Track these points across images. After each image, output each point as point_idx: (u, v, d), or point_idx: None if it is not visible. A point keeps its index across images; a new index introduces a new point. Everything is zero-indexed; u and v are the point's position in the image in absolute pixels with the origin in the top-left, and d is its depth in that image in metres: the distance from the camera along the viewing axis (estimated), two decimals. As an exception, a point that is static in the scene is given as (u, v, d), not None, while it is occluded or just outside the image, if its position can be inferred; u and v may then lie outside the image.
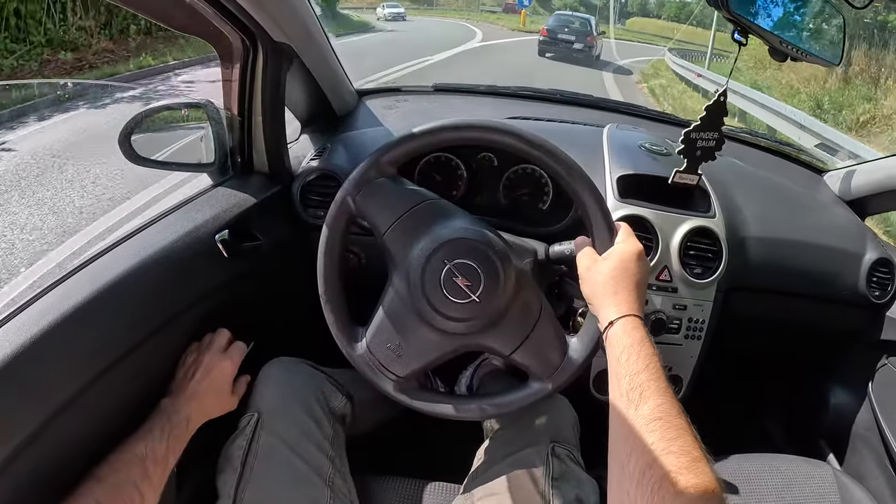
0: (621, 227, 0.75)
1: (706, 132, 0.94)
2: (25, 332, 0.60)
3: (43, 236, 2.76)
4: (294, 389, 0.86)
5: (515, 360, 0.77)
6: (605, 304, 0.68)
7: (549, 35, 13.73)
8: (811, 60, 0.88)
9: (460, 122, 0.76)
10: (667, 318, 1.02)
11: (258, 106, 0.96)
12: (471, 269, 0.72)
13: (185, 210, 0.90)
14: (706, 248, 1.02)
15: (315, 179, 1.04)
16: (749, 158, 1.37)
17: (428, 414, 0.79)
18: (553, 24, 14.35)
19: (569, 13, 17.27)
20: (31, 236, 2.75)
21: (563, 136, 0.87)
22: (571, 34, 13.62)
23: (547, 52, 13.67)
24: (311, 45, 1.00)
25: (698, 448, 0.52)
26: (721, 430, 1.51)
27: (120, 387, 0.71)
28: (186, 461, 0.76)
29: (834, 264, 1.14)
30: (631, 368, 0.60)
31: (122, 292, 0.71)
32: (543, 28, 14.29)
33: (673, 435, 0.53)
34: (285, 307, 1.09)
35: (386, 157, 0.77)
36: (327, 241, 0.77)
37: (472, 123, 0.76)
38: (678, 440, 0.52)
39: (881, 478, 1.15)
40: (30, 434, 0.58)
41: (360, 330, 0.78)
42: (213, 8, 0.82)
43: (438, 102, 1.46)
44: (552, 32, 13.74)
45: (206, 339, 0.87)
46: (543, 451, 0.82)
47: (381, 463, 0.97)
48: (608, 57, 14.97)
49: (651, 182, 1.03)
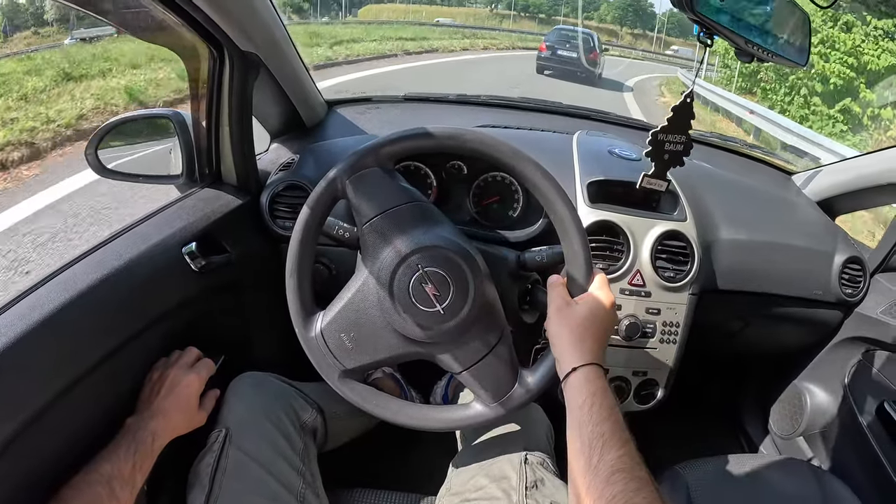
0: (597, 275, 0.75)
1: (673, 135, 0.94)
2: None
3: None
4: (263, 404, 0.85)
5: (464, 379, 0.76)
6: (570, 350, 0.68)
7: (548, 51, 12.72)
8: (777, 61, 0.88)
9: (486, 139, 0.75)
10: (640, 322, 1.02)
11: (226, 116, 0.95)
12: (443, 280, 0.71)
13: (151, 222, 0.88)
14: (678, 252, 1.02)
15: (284, 190, 1.03)
16: (718, 162, 1.39)
17: (365, 411, 0.78)
18: (553, 39, 13.22)
19: (570, 27, 16.31)
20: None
21: (534, 144, 0.87)
22: (573, 50, 12.58)
23: (546, 69, 12.70)
24: (279, 54, 0.99)
25: (659, 500, 0.53)
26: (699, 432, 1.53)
27: (84, 405, 0.69)
28: (156, 479, 0.75)
29: (806, 264, 1.16)
30: (594, 417, 0.61)
31: (87, 306, 0.69)
32: (543, 43, 13.24)
33: (635, 486, 0.54)
34: (255, 321, 1.07)
35: (387, 148, 0.75)
36: (306, 219, 0.75)
37: (497, 145, 0.75)
38: (641, 491, 0.53)
39: (861, 472, 1.16)
40: None
41: (318, 313, 0.77)
42: (178, 17, 0.81)
43: (409, 111, 1.46)
44: (552, 48, 12.71)
45: (174, 355, 0.85)
46: (517, 460, 0.81)
47: (355, 476, 0.96)
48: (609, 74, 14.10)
49: (621, 187, 1.04)
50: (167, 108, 1.02)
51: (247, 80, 0.93)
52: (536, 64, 12.89)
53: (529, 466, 0.81)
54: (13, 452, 0.58)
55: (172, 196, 0.97)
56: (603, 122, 1.48)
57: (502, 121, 1.33)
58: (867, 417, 1.16)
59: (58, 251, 2.78)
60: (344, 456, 0.99)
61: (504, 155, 0.75)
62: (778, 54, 0.87)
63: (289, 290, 0.76)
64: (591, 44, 13.01)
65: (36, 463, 0.63)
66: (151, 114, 1.03)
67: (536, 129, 1.30)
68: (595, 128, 1.38)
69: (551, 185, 0.74)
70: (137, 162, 1.05)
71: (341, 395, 0.77)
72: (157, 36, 0.97)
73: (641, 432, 0.63)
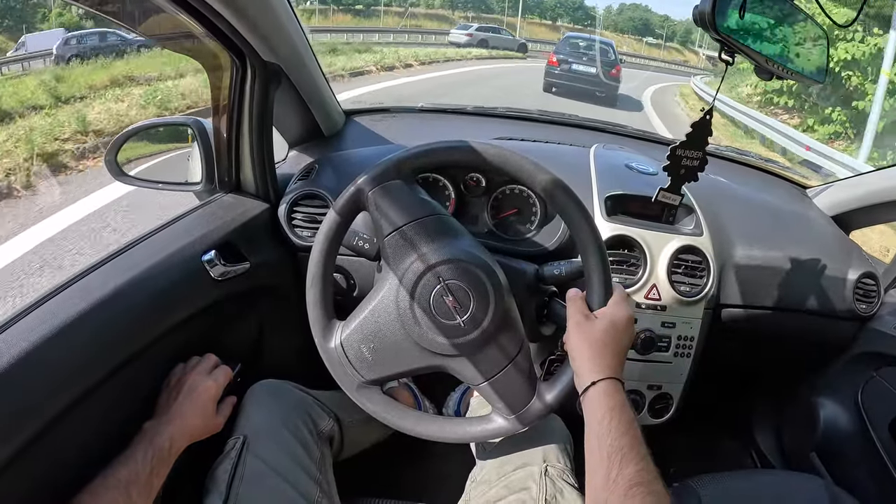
0: (616, 290, 0.75)
1: (691, 150, 0.95)
2: (8, 352, 0.59)
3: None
4: (280, 412, 0.85)
5: (483, 392, 0.77)
6: (589, 364, 0.68)
7: (561, 65, 10.52)
8: (796, 79, 0.89)
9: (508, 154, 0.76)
10: (656, 336, 1.02)
11: (246, 125, 0.96)
12: (463, 293, 0.72)
13: (171, 230, 0.89)
14: (694, 266, 1.03)
15: (302, 200, 1.03)
16: (734, 176, 1.39)
17: (384, 422, 0.78)
18: (565, 50, 10.90)
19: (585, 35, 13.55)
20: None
21: (551, 157, 0.87)
22: (591, 64, 10.36)
23: (555, 86, 10.65)
24: (300, 65, 1.00)
25: None
26: (711, 446, 1.52)
27: (102, 410, 0.69)
28: (172, 485, 0.75)
29: (820, 279, 1.16)
30: (613, 431, 0.61)
31: (107, 312, 0.70)
32: (552, 55, 10.97)
33: (653, 500, 0.55)
34: (272, 328, 1.08)
35: (411, 161, 0.76)
36: (329, 229, 0.75)
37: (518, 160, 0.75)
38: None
39: (873, 489, 1.15)
40: (6, 459, 0.56)
41: (337, 323, 0.77)
42: (203, 27, 0.82)
43: (425, 122, 1.47)
44: (564, 62, 10.51)
45: (192, 361, 0.86)
46: (536, 473, 0.81)
47: (371, 485, 0.96)
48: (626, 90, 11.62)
49: (638, 201, 1.04)
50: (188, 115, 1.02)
51: (268, 89, 0.94)
52: (544, 81, 10.88)
53: (549, 478, 0.81)
54: (31, 457, 0.59)
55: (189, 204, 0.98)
56: (619, 136, 1.48)
57: (518, 133, 1.34)
58: (880, 433, 1.15)
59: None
60: (359, 465, 0.99)
61: (525, 170, 0.75)
62: (797, 72, 0.88)
63: (309, 301, 0.77)
64: (612, 56, 10.83)
65: (54, 467, 0.63)
66: (172, 121, 1.05)
67: (553, 142, 1.31)
68: (611, 141, 1.38)
69: (571, 200, 0.75)
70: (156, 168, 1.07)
71: (360, 406, 0.78)
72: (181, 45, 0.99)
73: (653, 446, 0.63)
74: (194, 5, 0.76)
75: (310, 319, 0.77)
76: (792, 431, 1.43)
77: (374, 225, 0.76)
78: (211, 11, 0.78)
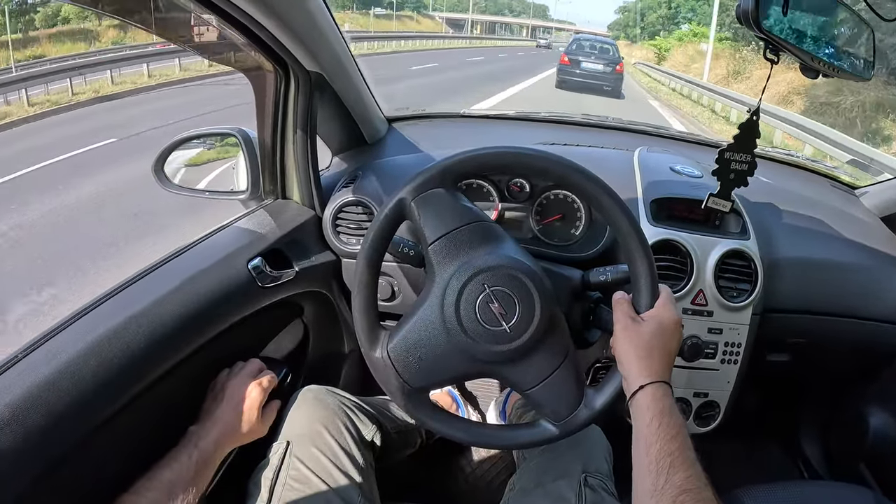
0: (663, 292, 0.74)
1: (739, 153, 0.93)
2: (62, 355, 0.61)
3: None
4: (324, 417, 0.86)
5: (531, 398, 0.76)
6: (637, 367, 0.67)
7: (572, 64, 11.99)
8: (843, 76, 0.87)
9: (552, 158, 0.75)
10: (702, 342, 1.00)
11: (290, 134, 0.97)
12: (509, 299, 0.71)
13: (217, 237, 0.91)
14: (741, 271, 1.00)
15: (346, 207, 1.04)
16: (781, 177, 1.35)
17: (432, 430, 0.78)
18: (575, 49, 12.68)
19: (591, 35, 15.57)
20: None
21: (596, 162, 0.86)
22: (599, 62, 11.87)
23: (566, 83, 11.96)
24: (343, 73, 1.01)
25: None
26: (757, 455, 1.49)
27: (150, 413, 0.71)
28: (215, 488, 0.76)
29: (870, 282, 1.12)
30: (662, 436, 0.60)
31: (155, 318, 0.72)
32: (563, 55, 12.57)
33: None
34: (316, 335, 1.09)
35: (453, 168, 0.76)
36: (375, 233, 0.75)
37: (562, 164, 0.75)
38: None
39: None
40: (57, 459, 0.58)
41: (383, 331, 0.77)
42: (246, 38, 0.83)
43: (467, 128, 1.47)
44: (574, 60, 12.00)
45: (237, 366, 0.87)
46: (575, 482, 0.81)
47: (413, 491, 0.96)
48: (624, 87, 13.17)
49: (683, 205, 1.03)
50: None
51: (312, 98, 0.96)
52: (557, 78, 12.29)
53: (589, 488, 0.80)
54: (79, 460, 0.61)
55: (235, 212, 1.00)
56: (662, 138, 1.46)
57: (560, 138, 1.33)
58: None
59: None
60: (399, 470, 0.99)
61: (569, 175, 0.75)
62: (843, 69, 0.85)
63: (355, 308, 0.77)
64: (614, 54, 12.52)
65: (100, 470, 0.65)
66: (217, 131, 1.06)
67: (596, 147, 1.30)
68: (654, 143, 1.36)
69: (617, 204, 0.74)
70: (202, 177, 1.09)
71: (408, 413, 0.78)
72: (225, 56, 1.01)
73: (698, 453, 0.62)
74: (238, 18, 0.77)
75: (356, 327, 0.77)
76: (840, 440, 1.38)
77: (417, 234, 0.76)
78: (254, 23, 0.79)
